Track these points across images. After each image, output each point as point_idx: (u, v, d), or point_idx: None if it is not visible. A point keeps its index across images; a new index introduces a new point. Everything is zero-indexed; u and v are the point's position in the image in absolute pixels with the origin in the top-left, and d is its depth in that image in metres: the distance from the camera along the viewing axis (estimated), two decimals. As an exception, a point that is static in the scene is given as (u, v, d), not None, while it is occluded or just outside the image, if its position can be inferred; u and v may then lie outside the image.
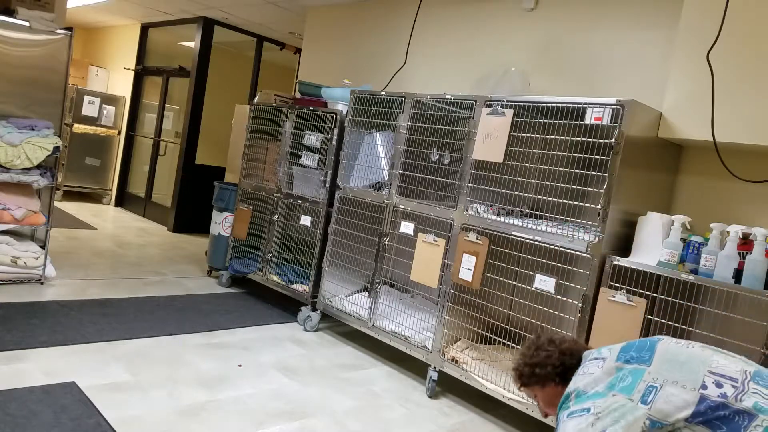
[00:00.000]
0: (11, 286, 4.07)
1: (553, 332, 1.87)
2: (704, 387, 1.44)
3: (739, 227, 2.58)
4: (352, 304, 4.08)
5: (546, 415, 1.87)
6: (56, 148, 4.11)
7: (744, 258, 2.52)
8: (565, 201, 3.04)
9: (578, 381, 1.62)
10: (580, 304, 2.82)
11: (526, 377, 1.83)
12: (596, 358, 1.65)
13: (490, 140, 3.26)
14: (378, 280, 3.87)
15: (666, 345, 1.57)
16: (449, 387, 3.60)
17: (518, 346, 3.18)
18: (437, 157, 3.88)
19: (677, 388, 1.46)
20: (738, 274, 2.50)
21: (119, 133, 8.49)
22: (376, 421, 3.00)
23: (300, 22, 6.34)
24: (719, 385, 1.44)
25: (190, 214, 7.33)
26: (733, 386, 1.43)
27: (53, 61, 4.21)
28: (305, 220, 4.42)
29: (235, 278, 5.18)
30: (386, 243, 3.82)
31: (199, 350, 3.52)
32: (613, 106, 2.80)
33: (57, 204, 7.34)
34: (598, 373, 1.58)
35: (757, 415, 1.38)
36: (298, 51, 7.55)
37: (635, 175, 2.93)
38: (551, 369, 1.77)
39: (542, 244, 3.01)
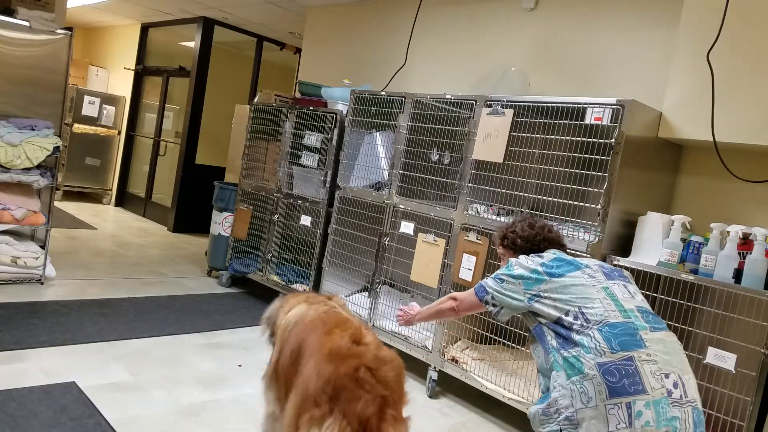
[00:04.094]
0: (11, 286, 4.07)
1: (547, 223, 2.21)
2: (566, 314, 1.82)
3: (739, 227, 2.58)
4: (352, 304, 4.08)
5: None
6: (56, 148, 4.11)
7: (744, 258, 2.52)
8: (565, 201, 3.04)
9: (515, 261, 2.04)
10: (580, 304, 2.82)
11: (508, 241, 2.21)
12: (539, 255, 2.05)
13: (490, 140, 3.26)
14: (378, 280, 3.87)
15: (578, 275, 1.90)
16: (449, 387, 3.60)
17: (518, 346, 3.18)
18: (437, 157, 3.88)
19: (551, 305, 1.87)
20: (738, 274, 2.50)
21: (119, 133, 8.49)
22: (376, 421, 3.00)
23: (300, 22, 6.34)
24: (576, 318, 1.80)
25: (190, 214, 7.33)
26: (582, 325, 1.77)
27: (53, 61, 4.21)
28: (305, 220, 4.42)
29: (235, 278, 5.18)
30: (386, 243, 3.82)
31: (199, 350, 3.52)
32: (613, 106, 2.80)
33: (57, 204, 7.34)
34: (528, 263, 2.00)
35: (575, 346, 1.75)
36: (298, 51, 7.55)
37: (635, 175, 2.94)
38: (527, 246, 2.14)
39: (542, 244, 3.01)
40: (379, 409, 1.57)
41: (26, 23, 4.06)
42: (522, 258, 2.05)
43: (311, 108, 4.51)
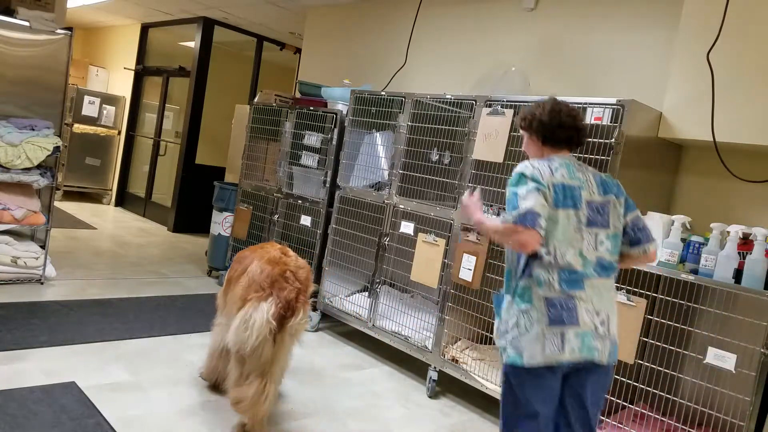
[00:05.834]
0: (11, 286, 4.06)
1: (569, 105, 2.11)
2: (545, 245, 1.92)
3: (739, 227, 2.58)
4: (352, 304, 4.08)
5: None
6: (56, 148, 4.11)
7: (744, 258, 2.52)
8: (565, 201, 3.03)
9: (531, 169, 1.96)
10: (580, 304, 2.82)
11: (526, 124, 2.14)
12: (551, 168, 1.98)
13: (490, 140, 3.26)
14: (378, 280, 3.87)
15: (571, 215, 1.95)
16: (449, 387, 3.60)
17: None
18: (437, 157, 3.88)
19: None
20: (738, 274, 2.50)
21: (119, 133, 8.49)
22: (376, 421, 3.00)
23: (300, 22, 6.34)
24: (548, 254, 1.93)
25: (190, 214, 7.33)
26: (550, 263, 1.94)
27: (53, 61, 4.21)
28: (305, 220, 4.42)
29: (235, 278, 5.17)
30: (386, 243, 3.82)
31: (199, 350, 3.52)
32: (613, 106, 2.80)
33: (57, 204, 7.33)
34: (543, 172, 1.96)
35: (530, 276, 1.97)
36: (298, 51, 7.55)
37: (635, 175, 2.93)
38: (547, 134, 2.08)
39: (542, 244, 3.01)
40: (296, 295, 2.56)
41: (26, 23, 4.06)
42: (534, 167, 1.96)
43: (311, 108, 4.51)
